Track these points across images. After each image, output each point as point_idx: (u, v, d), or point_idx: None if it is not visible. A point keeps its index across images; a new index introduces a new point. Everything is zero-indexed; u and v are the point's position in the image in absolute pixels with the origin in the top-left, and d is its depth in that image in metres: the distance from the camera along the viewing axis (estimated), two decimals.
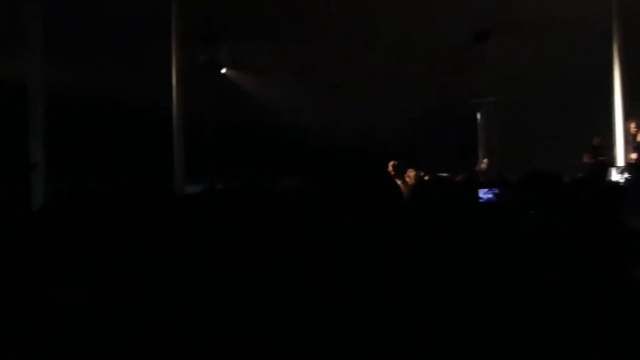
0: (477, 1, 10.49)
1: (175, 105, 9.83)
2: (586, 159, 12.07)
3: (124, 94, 11.50)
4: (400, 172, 8.34)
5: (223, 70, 12.59)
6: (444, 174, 7.65)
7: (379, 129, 12.92)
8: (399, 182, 7.66)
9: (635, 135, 9.96)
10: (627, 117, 8.27)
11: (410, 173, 8.38)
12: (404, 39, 11.29)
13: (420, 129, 13.21)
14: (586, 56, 9.57)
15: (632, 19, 8.43)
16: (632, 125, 9.75)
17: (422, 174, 8.17)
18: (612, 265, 1.87)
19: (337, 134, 12.81)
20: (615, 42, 7.88)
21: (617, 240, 1.99)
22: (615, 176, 7.11)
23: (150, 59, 10.83)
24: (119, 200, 2.58)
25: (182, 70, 10.01)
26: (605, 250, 1.92)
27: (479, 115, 13.19)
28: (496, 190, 3.22)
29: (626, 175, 7.30)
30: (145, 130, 10.92)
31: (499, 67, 11.58)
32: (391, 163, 8.03)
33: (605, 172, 7.55)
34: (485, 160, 11.16)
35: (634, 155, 10.02)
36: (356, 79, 12.04)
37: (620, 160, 8.06)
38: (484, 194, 3.23)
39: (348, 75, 11.96)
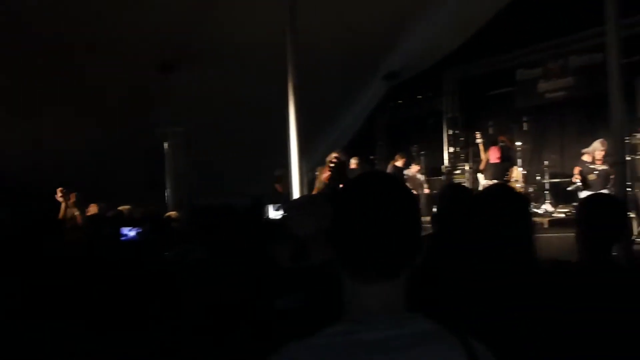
0: (163, 30, 10.62)
1: None
2: (279, 188, 13.00)
3: None
4: (80, 203, 8.02)
5: None
6: (126, 206, 7.56)
7: (64, 157, 12.27)
8: (77, 213, 7.37)
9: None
10: (304, 151, 9.04)
11: (92, 207, 8.13)
12: (94, 67, 10.95)
13: (109, 159, 12.88)
14: (270, 88, 10.29)
15: (306, 56, 9.29)
16: (333, 156, 10.72)
17: (102, 206, 7.95)
18: (256, 297, 2.05)
19: (15, 163, 11.85)
20: (290, 81, 8.61)
21: (260, 273, 2.18)
22: (273, 213, 7.68)
23: None
24: None
25: None
26: (247, 282, 2.09)
27: (166, 145, 13.30)
28: (139, 229, 3.29)
29: (282, 212, 7.93)
30: None
31: (187, 97, 11.87)
32: (59, 190, 7.63)
33: (261, 207, 8.16)
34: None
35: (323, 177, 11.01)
36: (39, 106, 11.29)
37: (295, 194, 8.78)
38: (128, 231, 3.27)
39: (30, 101, 11.16)
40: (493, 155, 11.33)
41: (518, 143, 12.67)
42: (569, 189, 10.96)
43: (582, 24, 11.88)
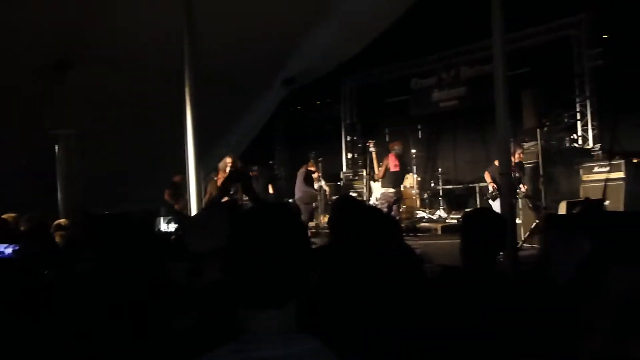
0: (59, 28, 10.19)
1: None
2: (166, 196, 12.74)
3: None
4: None
5: None
6: (11, 214, 7.19)
7: None
8: None
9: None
10: (201, 157, 8.93)
11: None
12: None
13: None
14: (167, 92, 10.09)
15: (204, 60, 9.21)
16: (228, 160, 10.48)
17: None
18: (151, 316, 2.03)
19: None
20: (187, 84, 8.51)
21: (154, 290, 2.15)
22: (164, 225, 7.53)
23: None
24: None
25: None
26: (141, 300, 2.06)
27: (57, 148, 12.71)
28: (16, 246, 3.10)
29: (174, 224, 7.76)
30: None
31: (81, 98, 11.43)
32: None
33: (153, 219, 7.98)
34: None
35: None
36: None
37: (193, 199, 8.66)
38: (4, 248, 3.05)
39: None
40: (392, 163, 11.55)
41: (413, 150, 13.08)
42: (486, 197, 10.88)
43: (473, 36, 12.44)
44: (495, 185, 9.76)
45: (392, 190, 11.11)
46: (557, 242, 2.68)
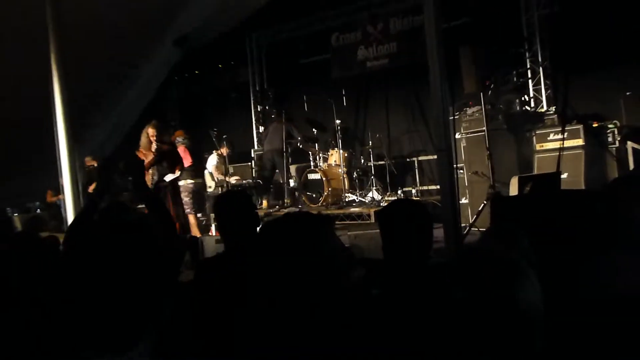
0: None
1: None
2: (49, 197, 12.63)
3: None
4: None
5: None
6: None
7: None
8: None
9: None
10: (75, 137, 8.73)
11: None
12: None
13: None
14: (31, 64, 9.81)
15: (74, 21, 8.97)
16: (151, 132, 10.15)
17: None
18: None
19: None
20: (53, 52, 8.27)
21: None
22: None
23: None
24: None
25: None
26: None
27: None
28: None
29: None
30: None
31: None
32: None
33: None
34: None
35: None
36: None
37: (67, 190, 8.49)
38: None
39: None
40: (183, 158, 11.75)
41: (337, 121, 13.05)
42: None
43: None
44: None
45: (191, 181, 11.99)
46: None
